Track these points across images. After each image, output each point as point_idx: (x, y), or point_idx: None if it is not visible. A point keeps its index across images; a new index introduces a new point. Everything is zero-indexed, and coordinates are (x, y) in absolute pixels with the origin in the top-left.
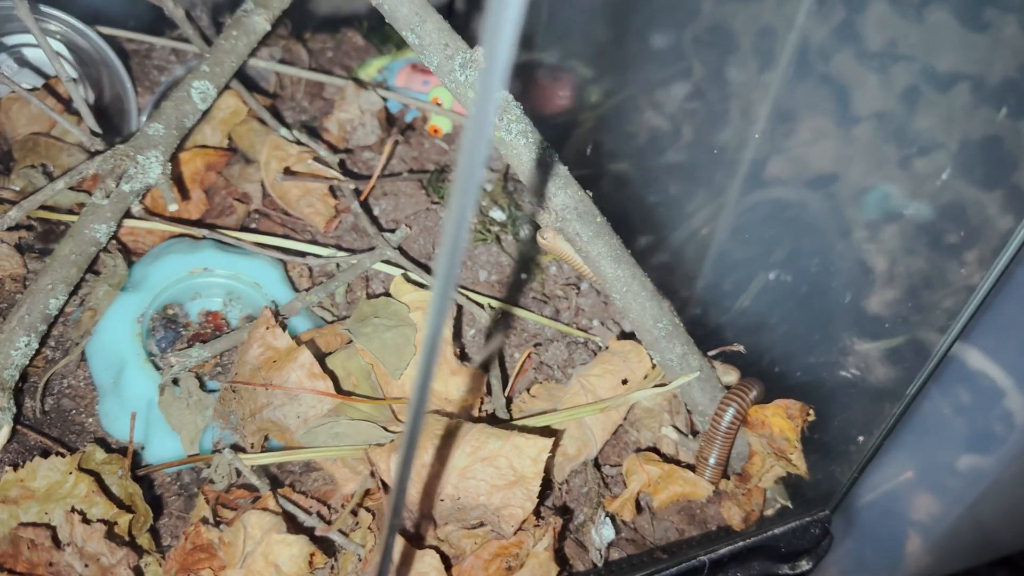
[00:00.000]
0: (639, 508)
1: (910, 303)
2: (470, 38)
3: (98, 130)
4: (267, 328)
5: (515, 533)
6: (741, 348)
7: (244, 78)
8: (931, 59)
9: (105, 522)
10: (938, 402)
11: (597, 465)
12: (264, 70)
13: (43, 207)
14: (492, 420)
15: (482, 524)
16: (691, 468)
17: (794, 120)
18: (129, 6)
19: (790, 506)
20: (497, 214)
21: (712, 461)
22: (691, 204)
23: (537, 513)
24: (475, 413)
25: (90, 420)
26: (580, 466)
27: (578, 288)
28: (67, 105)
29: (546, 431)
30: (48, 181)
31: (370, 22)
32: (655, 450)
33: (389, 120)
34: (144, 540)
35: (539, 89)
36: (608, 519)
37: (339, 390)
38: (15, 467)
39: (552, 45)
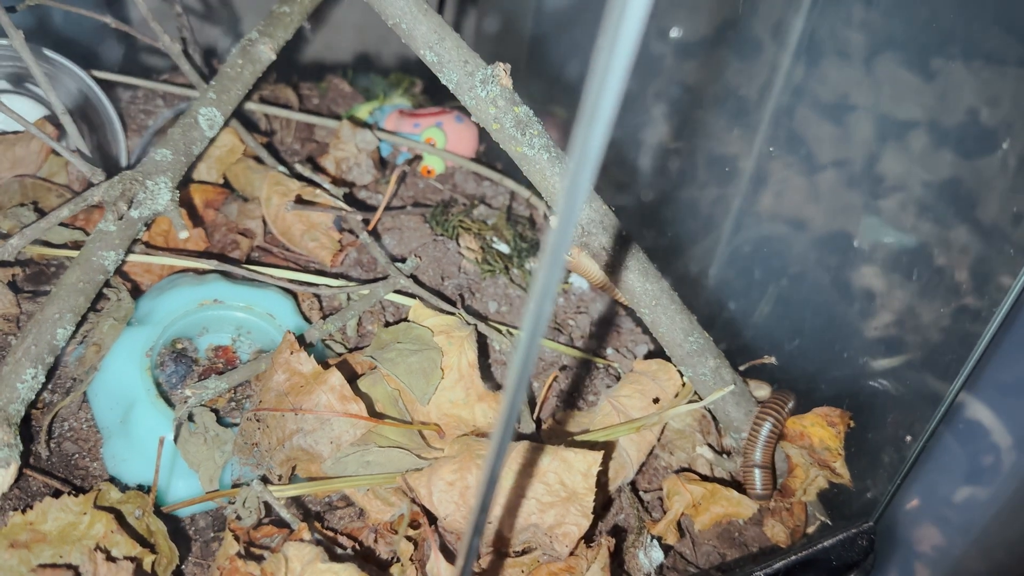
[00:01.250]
0: (680, 532)
1: (950, 303)
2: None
3: (97, 164)
4: (291, 352)
5: (570, 554)
6: (772, 359)
7: (239, 118)
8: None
9: (132, 559)
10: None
11: (634, 489)
12: (254, 112)
13: (37, 242)
14: None
15: (525, 552)
16: (733, 486)
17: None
18: (110, 50)
19: (829, 523)
20: (502, 247)
21: (759, 475)
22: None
23: (588, 536)
24: None
25: (95, 464)
26: (617, 491)
27: (591, 317)
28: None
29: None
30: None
31: (355, 70)
32: (690, 471)
33: (381, 163)
34: None
35: None
36: (656, 541)
37: (371, 415)
38: (23, 512)
39: (536, 84)
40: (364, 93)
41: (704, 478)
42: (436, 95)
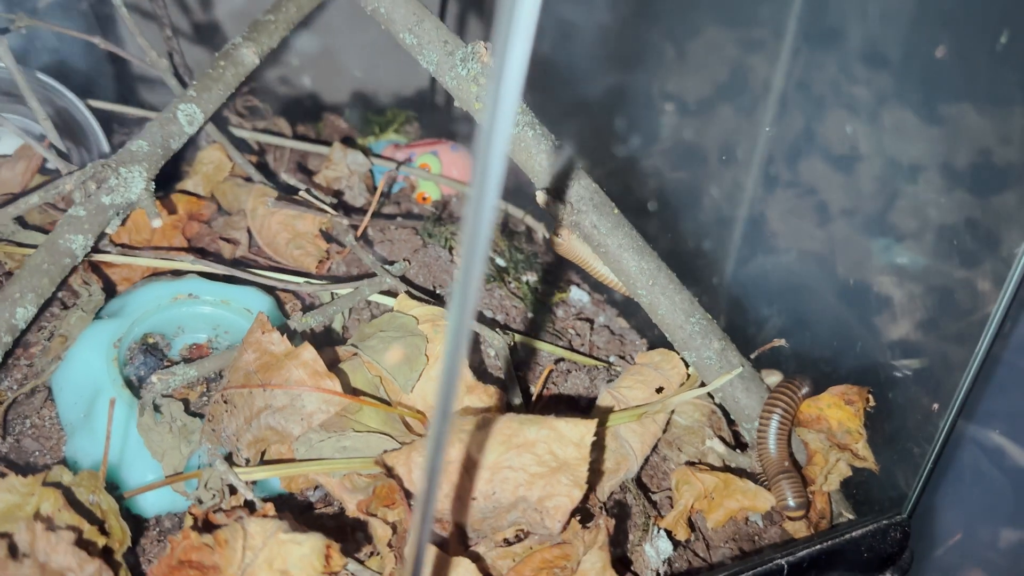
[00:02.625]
0: (691, 528)
1: (969, 285)
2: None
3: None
4: (263, 332)
5: (563, 530)
6: (783, 342)
7: (232, 143)
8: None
9: (74, 529)
10: None
11: (640, 487)
12: (245, 140)
13: (4, 242)
14: None
15: (519, 539)
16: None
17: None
18: (103, 79)
19: (853, 516)
20: (499, 261)
21: (787, 485)
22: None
23: (585, 518)
24: None
25: (56, 464)
26: (620, 486)
27: (591, 323)
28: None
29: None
30: (22, 229)
31: (351, 109)
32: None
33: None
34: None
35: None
36: (663, 532)
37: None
38: None
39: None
40: (360, 129)
41: (717, 470)
42: (431, 131)
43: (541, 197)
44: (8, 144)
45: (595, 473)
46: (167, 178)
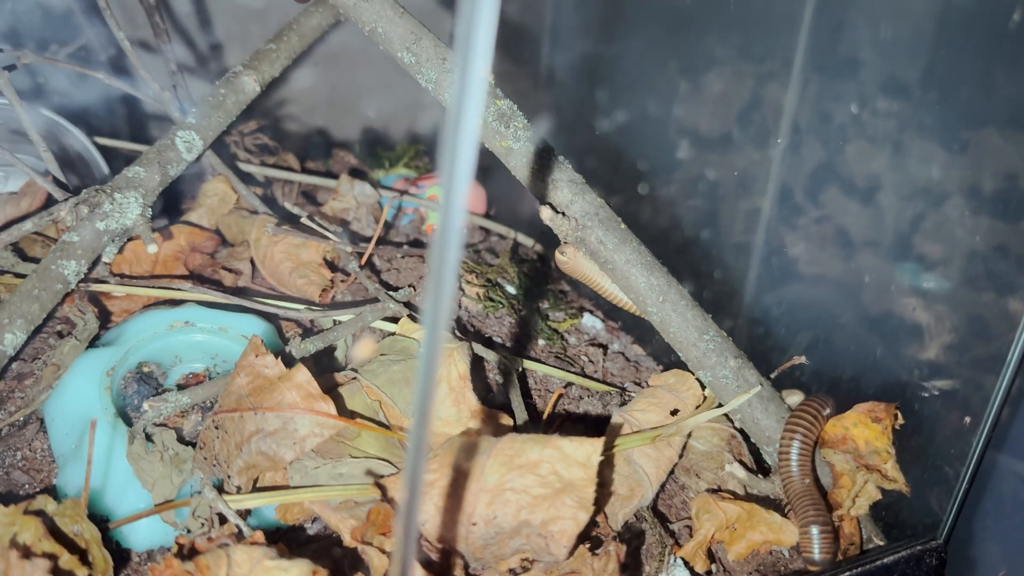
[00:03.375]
0: (711, 559)
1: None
2: None
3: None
4: (256, 355)
5: (570, 556)
6: (803, 359)
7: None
8: None
9: (52, 558)
10: None
11: (656, 515)
12: (253, 176)
13: (4, 273)
14: None
15: (525, 569)
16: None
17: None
18: (110, 117)
19: (883, 543)
20: (509, 288)
21: (817, 537)
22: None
23: (593, 545)
24: None
25: (41, 495)
26: (636, 514)
27: (605, 350)
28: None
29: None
30: (21, 261)
31: (362, 145)
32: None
33: (385, 225)
34: None
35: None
36: (681, 562)
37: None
38: None
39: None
40: (371, 164)
41: (739, 499)
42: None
43: (546, 213)
44: (17, 183)
45: (604, 496)
46: (172, 211)
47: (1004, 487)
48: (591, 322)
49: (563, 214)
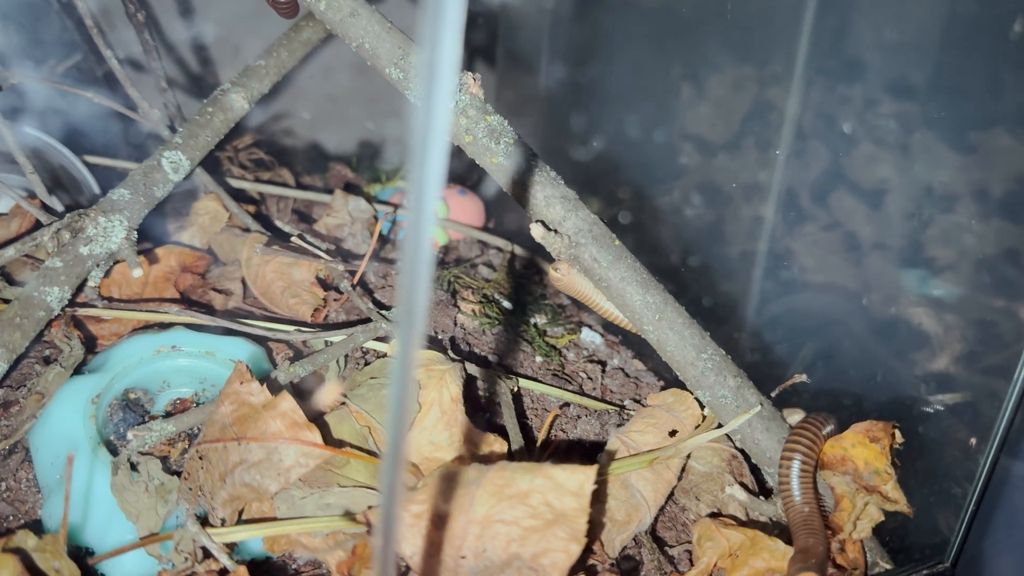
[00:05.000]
0: None
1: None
2: None
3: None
4: (240, 383)
5: None
6: (804, 378)
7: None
8: None
9: None
10: None
11: (655, 540)
12: (246, 191)
13: None
14: None
15: None
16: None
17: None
18: (108, 137)
19: (888, 567)
20: (505, 303)
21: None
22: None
23: (588, 575)
24: None
25: (21, 530)
26: (632, 539)
27: (604, 366)
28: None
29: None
30: (8, 286)
31: (359, 158)
32: (723, 517)
33: (381, 240)
34: None
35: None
36: None
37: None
38: None
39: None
40: (367, 178)
41: (741, 524)
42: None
43: (537, 230)
44: (7, 203)
45: (597, 526)
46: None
47: (1018, 498)
48: (590, 337)
49: (555, 231)
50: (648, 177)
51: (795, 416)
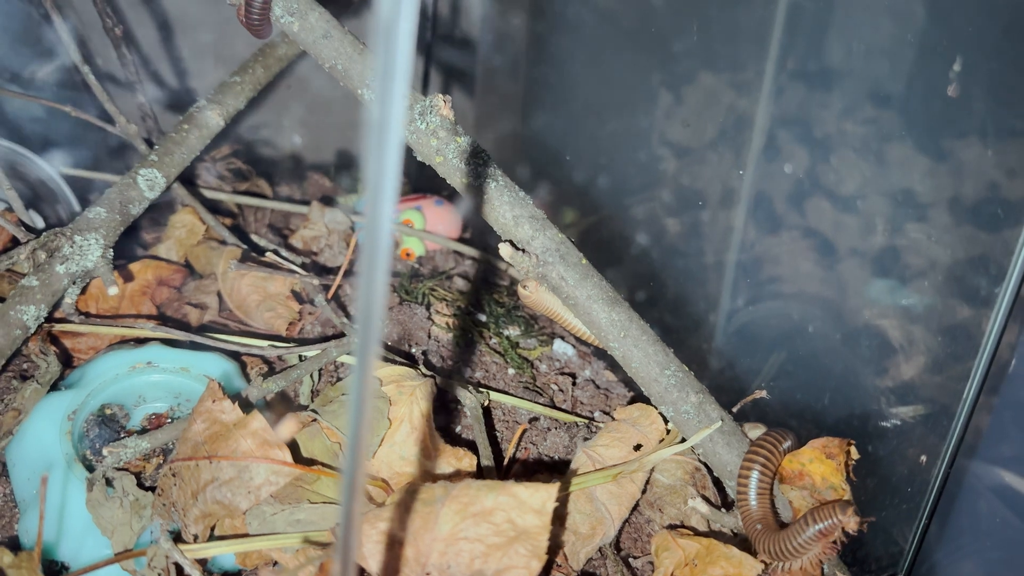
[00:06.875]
0: None
1: (955, 319)
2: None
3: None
4: (213, 401)
5: None
6: (764, 394)
7: (205, 207)
8: None
9: None
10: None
11: (618, 552)
12: (223, 203)
13: None
14: None
15: None
16: (735, 542)
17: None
18: (94, 150)
19: None
20: (480, 316)
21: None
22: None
23: None
24: None
25: (5, 545)
26: (597, 552)
27: (574, 379)
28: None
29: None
30: None
31: (337, 168)
32: (684, 528)
33: (357, 252)
34: None
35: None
36: None
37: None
38: None
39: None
40: (345, 188)
41: (700, 534)
42: (418, 185)
43: (506, 250)
44: None
45: (557, 543)
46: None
47: (980, 504)
48: (562, 348)
49: (524, 251)
50: (621, 188)
51: (756, 431)
